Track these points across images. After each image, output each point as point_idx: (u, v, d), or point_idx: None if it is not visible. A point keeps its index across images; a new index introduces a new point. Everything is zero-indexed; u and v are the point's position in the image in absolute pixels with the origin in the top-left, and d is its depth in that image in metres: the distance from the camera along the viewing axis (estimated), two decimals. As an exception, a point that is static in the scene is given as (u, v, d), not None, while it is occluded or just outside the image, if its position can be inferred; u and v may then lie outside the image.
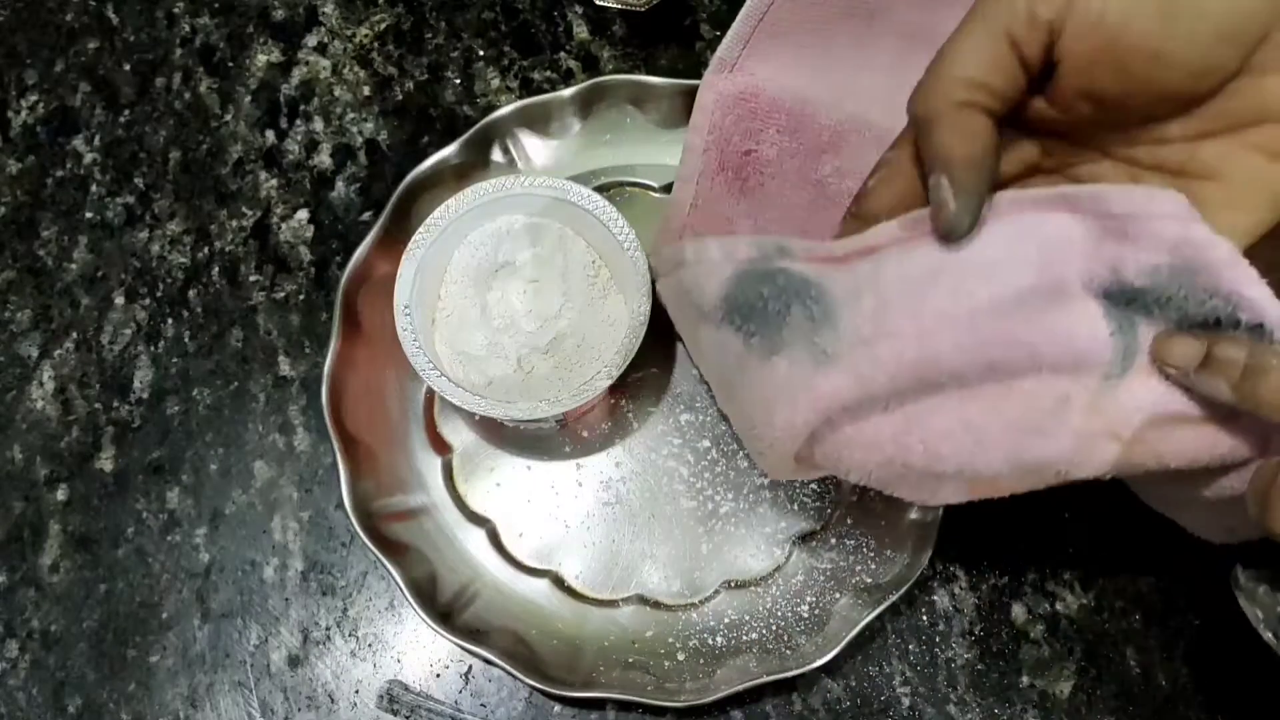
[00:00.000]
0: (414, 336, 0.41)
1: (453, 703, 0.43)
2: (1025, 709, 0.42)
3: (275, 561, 0.44)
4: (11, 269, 0.49)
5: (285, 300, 0.48)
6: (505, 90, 0.51)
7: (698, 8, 0.52)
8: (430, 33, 0.52)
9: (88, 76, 0.52)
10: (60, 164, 0.51)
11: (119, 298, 0.49)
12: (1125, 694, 0.42)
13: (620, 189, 0.49)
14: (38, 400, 0.47)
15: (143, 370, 0.47)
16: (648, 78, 0.47)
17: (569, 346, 0.44)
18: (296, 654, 0.43)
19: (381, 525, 0.43)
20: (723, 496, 0.44)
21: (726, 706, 0.42)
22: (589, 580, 0.44)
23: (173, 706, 0.43)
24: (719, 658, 0.42)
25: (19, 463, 0.46)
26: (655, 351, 0.46)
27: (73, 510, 0.46)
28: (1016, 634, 0.43)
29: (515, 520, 0.44)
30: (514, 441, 0.45)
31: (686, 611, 0.43)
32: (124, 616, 0.44)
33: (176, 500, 0.45)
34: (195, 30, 0.53)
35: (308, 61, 0.52)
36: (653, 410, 0.45)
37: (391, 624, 0.44)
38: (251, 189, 0.50)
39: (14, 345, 0.48)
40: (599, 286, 0.44)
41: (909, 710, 0.42)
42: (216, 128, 0.51)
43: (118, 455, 0.46)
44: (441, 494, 0.45)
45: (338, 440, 0.43)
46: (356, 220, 0.49)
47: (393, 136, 0.51)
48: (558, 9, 0.52)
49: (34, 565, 0.45)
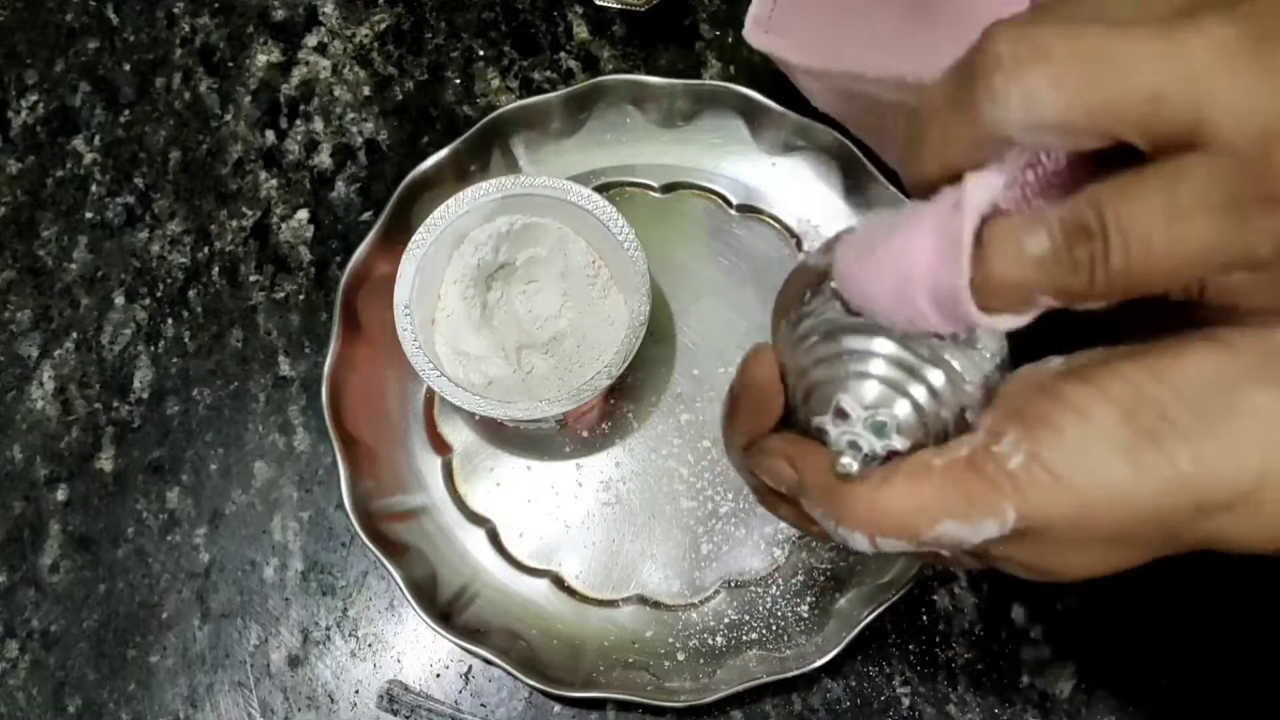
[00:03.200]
0: (414, 336, 0.41)
1: (453, 703, 0.43)
2: (1025, 709, 0.42)
3: (275, 561, 0.44)
4: (11, 269, 0.49)
5: (285, 300, 0.48)
6: (505, 90, 0.51)
7: (698, 8, 0.52)
8: (430, 33, 0.52)
9: (88, 76, 0.52)
10: (60, 164, 0.51)
11: (119, 298, 0.49)
12: (1125, 694, 0.42)
13: (620, 189, 0.49)
14: (38, 400, 0.47)
15: (143, 370, 0.47)
16: (648, 78, 0.47)
17: (569, 346, 0.44)
18: (296, 654, 0.43)
19: (381, 525, 0.43)
20: (723, 496, 0.44)
21: (726, 706, 0.42)
22: (589, 580, 0.44)
23: (173, 706, 0.43)
24: (719, 658, 0.42)
25: (19, 463, 0.46)
26: (655, 351, 0.46)
27: (73, 510, 0.46)
28: (1016, 634, 0.43)
29: (515, 520, 0.44)
30: (514, 441, 0.45)
31: (686, 611, 0.43)
32: (124, 616, 0.44)
33: (176, 500, 0.45)
34: (195, 30, 0.53)
35: (308, 61, 0.52)
36: (653, 410, 0.45)
37: (391, 624, 0.44)
38: (251, 189, 0.50)
39: (14, 345, 0.48)
40: (599, 286, 0.44)
41: (909, 710, 0.42)
42: (216, 128, 0.51)
43: (118, 455, 0.46)
44: (441, 494, 0.45)
45: (338, 440, 0.43)
46: (356, 220, 0.49)
47: (393, 136, 0.51)
48: (558, 9, 0.52)
49: (34, 565, 0.45)
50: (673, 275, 0.47)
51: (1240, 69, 0.19)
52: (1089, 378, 0.23)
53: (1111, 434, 0.22)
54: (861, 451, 0.24)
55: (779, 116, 0.46)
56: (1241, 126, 0.19)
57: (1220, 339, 0.22)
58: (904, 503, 0.23)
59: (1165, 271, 0.20)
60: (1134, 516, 0.22)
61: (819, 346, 0.24)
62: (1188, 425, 0.21)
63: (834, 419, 0.24)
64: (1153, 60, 0.19)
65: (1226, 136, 0.19)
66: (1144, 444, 0.22)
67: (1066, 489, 0.22)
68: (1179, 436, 0.21)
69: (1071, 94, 0.19)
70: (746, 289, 0.47)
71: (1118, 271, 0.20)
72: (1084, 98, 0.20)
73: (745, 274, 0.47)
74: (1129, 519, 0.22)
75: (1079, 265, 0.20)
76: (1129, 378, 0.22)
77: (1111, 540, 0.23)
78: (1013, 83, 0.20)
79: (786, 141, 0.47)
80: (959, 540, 0.23)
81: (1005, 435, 0.23)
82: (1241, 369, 0.22)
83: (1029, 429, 0.22)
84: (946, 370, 0.23)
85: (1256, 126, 0.19)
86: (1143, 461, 0.22)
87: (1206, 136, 0.19)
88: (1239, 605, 0.42)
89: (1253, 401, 0.21)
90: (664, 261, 0.46)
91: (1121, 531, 0.23)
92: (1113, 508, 0.22)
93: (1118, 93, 0.19)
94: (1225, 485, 0.22)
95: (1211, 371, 0.22)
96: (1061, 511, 0.22)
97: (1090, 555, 0.24)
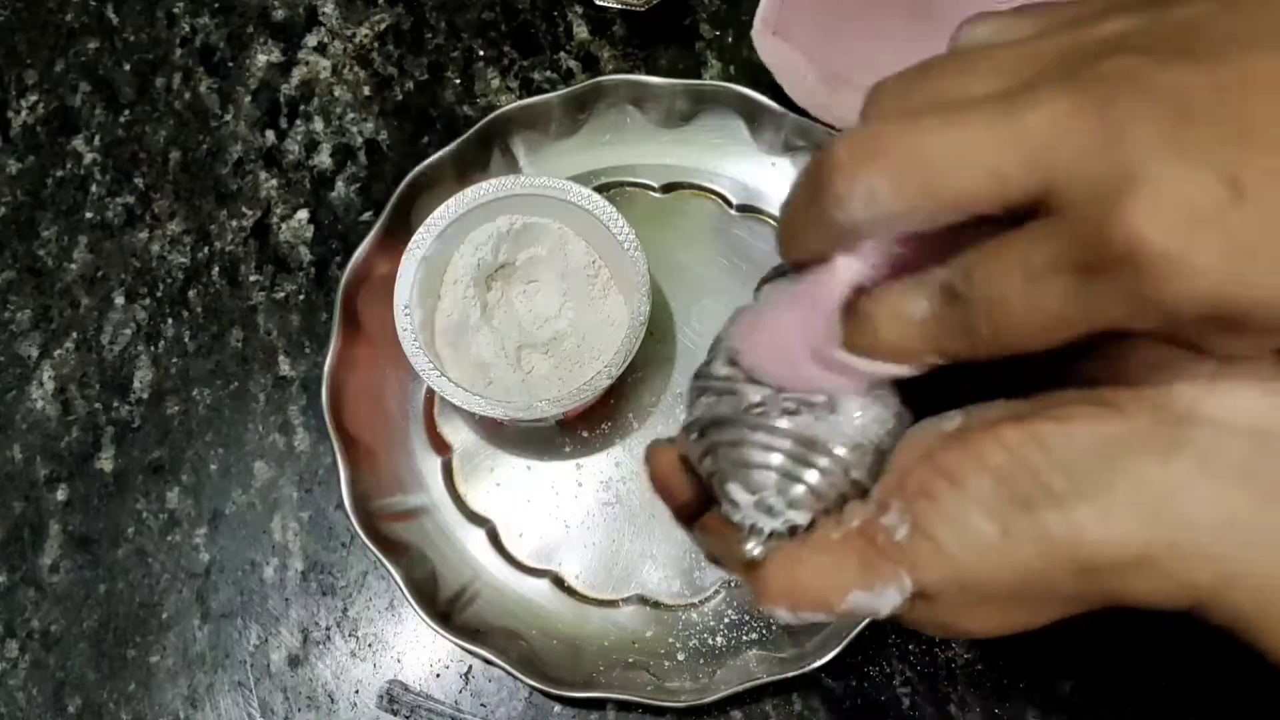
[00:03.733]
0: (414, 336, 0.41)
1: (453, 703, 0.43)
2: (1025, 709, 0.42)
3: (275, 561, 0.44)
4: (11, 269, 0.49)
5: (285, 300, 0.48)
6: (505, 90, 0.51)
7: (698, 8, 0.52)
8: (430, 33, 0.52)
9: (88, 76, 0.52)
10: (60, 164, 0.51)
11: (119, 298, 0.49)
12: (1125, 694, 0.42)
13: (620, 189, 0.49)
14: (38, 400, 0.47)
15: (143, 370, 0.47)
16: (648, 78, 0.47)
17: (569, 346, 0.44)
18: (296, 654, 0.43)
19: (381, 525, 0.43)
20: (723, 496, 0.44)
21: (726, 707, 0.42)
22: (589, 580, 0.44)
23: (173, 706, 0.43)
24: (719, 658, 0.42)
25: (19, 463, 0.46)
26: (655, 351, 0.46)
27: (73, 510, 0.46)
28: (1016, 634, 0.42)
29: (515, 520, 0.44)
30: (514, 441, 0.45)
31: (686, 611, 0.43)
32: (124, 616, 0.44)
33: (176, 500, 0.45)
34: (195, 30, 0.53)
35: (308, 61, 0.52)
36: (653, 410, 0.45)
37: (391, 624, 0.44)
38: (251, 189, 0.50)
39: (14, 345, 0.48)
40: (599, 286, 0.44)
41: (909, 710, 0.42)
42: (216, 128, 0.51)
43: (118, 455, 0.46)
44: (441, 494, 0.45)
45: (338, 440, 0.43)
46: (356, 220, 0.49)
47: (393, 136, 0.51)
48: (558, 9, 0.52)
49: (34, 565, 0.45)
50: (673, 275, 0.47)
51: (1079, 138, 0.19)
52: (969, 443, 0.23)
53: (984, 501, 0.22)
54: (765, 532, 0.25)
55: (779, 116, 0.46)
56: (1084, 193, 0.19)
57: (1110, 403, 0.22)
58: (811, 579, 0.24)
59: (1030, 333, 0.21)
60: (1010, 578, 0.23)
61: (701, 441, 0.26)
62: (1062, 490, 0.22)
63: (729, 507, 0.25)
64: (990, 143, 0.20)
65: (1070, 203, 0.19)
66: (1013, 510, 0.22)
67: (945, 555, 0.23)
68: (1051, 502, 0.22)
69: (912, 188, 0.20)
70: (746, 289, 0.46)
71: (986, 334, 0.21)
72: (925, 189, 0.20)
73: (745, 274, 0.47)
74: (1006, 580, 0.23)
75: (956, 329, 0.21)
76: (1008, 444, 0.22)
77: (1003, 600, 0.24)
78: (854, 185, 0.20)
79: (786, 141, 0.47)
80: (871, 609, 0.24)
81: (891, 506, 0.23)
82: (1128, 436, 0.22)
83: (910, 500, 0.23)
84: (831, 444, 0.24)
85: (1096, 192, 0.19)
86: (1012, 527, 0.22)
87: (1053, 204, 0.19)
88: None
89: (1137, 471, 0.21)
90: (664, 261, 0.46)
91: (1004, 592, 0.23)
92: (987, 570, 0.23)
93: (958, 180, 0.20)
94: (1107, 551, 0.22)
95: (1095, 438, 0.22)
96: (943, 575, 0.23)
97: (991, 613, 0.25)
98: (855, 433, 0.24)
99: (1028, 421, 0.23)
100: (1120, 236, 0.18)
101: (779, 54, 0.46)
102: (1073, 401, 0.23)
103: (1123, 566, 0.22)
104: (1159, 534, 0.22)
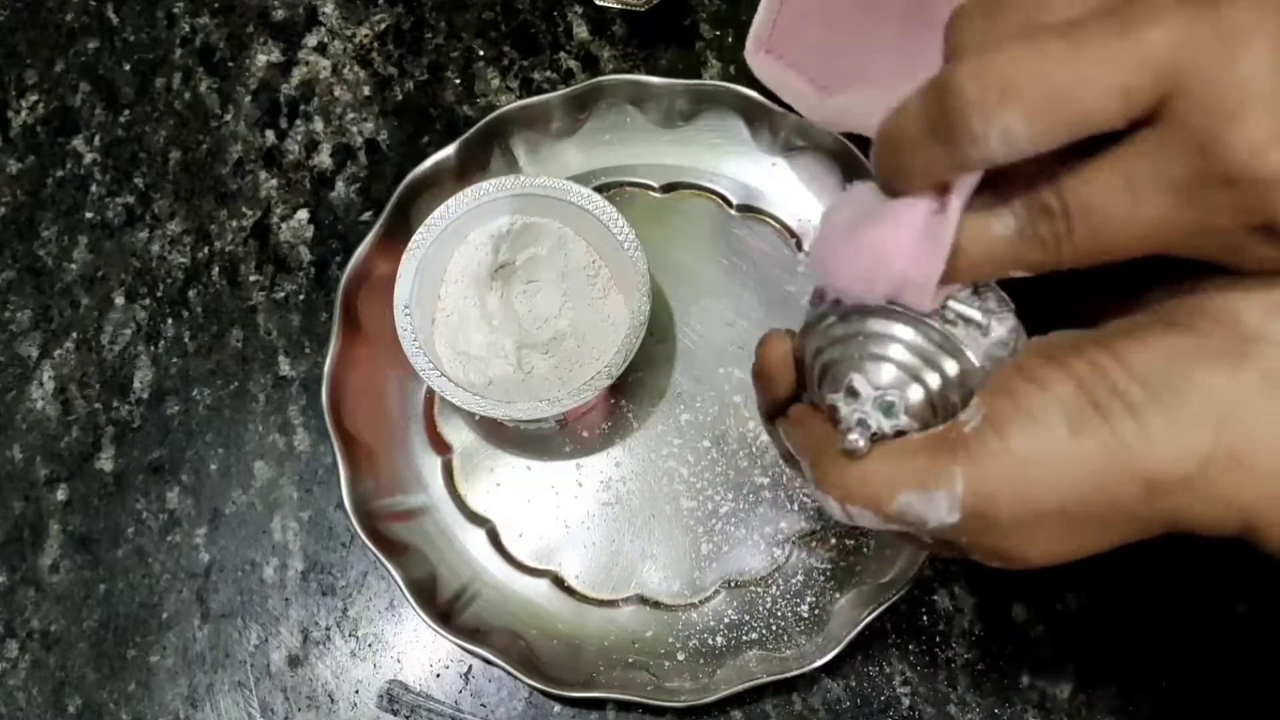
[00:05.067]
0: (414, 336, 0.41)
1: (453, 703, 0.43)
2: (1025, 709, 0.42)
3: (275, 561, 0.44)
4: (11, 269, 0.49)
5: (285, 300, 0.48)
6: (505, 90, 0.51)
7: (698, 8, 0.52)
8: (430, 33, 0.52)
9: (88, 76, 0.52)
10: (60, 164, 0.51)
11: (119, 298, 0.49)
12: (1125, 694, 0.42)
13: (620, 189, 0.49)
14: (38, 400, 0.47)
15: (143, 370, 0.47)
16: (648, 78, 0.47)
17: (569, 346, 0.44)
18: (296, 654, 0.43)
19: (381, 525, 0.43)
20: (723, 496, 0.44)
21: (726, 706, 0.42)
22: (589, 580, 0.44)
23: (173, 706, 0.43)
24: (719, 658, 0.42)
25: (19, 463, 0.46)
26: (655, 351, 0.46)
27: (73, 510, 0.46)
28: (1016, 634, 0.43)
29: (515, 520, 0.44)
30: (514, 441, 0.45)
31: (686, 611, 0.43)
32: (124, 616, 0.44)
33: (176, 500, 0.45)
34: (195, 30, 0.53)
35: (308, 61, 0.52)
36: (653, 410, 0.45)
37: (391, 624, 0.44)
38: (251, 189, 0.50)
39: (14, 345, 0.48)
40: (599, 286, 0.44)
41: (909, 710, 0.42)
42: (216, 128, 0.51)
43: (118, 455, 0.46)
44: (441, 494, 0.45)
45: (338, 440, 0.43)
46: (356, 220, 0.49)
47: (393, 136, 0.51)
48: (558, 9, 0.52)
49: (34, 565, 0.45)
50: (673, 275, 0.47)
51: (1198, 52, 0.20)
52: (1054, 355, 0.24)
53: (1062, 403, 0.23)
54: (870, 429, 0.25)
55: (779, 116, 0.46)
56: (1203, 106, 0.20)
57: (1184, 324, 0.23)
58: (875, 473, 0.24)
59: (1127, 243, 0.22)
60: (1074, 488, 0.23)
61: (836, 327, 0.26)
62: (1138, 400, 0.22)
63: (846, 397, 0.25)
64: (1119, 62, 0.20)
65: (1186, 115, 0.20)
66: (1090, 413, 0.22)
67: (1009, 454, 0.23)
68: (1126, 409, 0.22)
69: (1047, 118, 0.21)
70: (746, 289, 0.47)
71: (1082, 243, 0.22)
72: (1059, 116, 0.21)
73: (745, 274, 0.47)
74: (1069, 490, 0.23)
75: (1043, 241, 0.22)
76: (1090, 356, 0.23)
77: (1058, 516, 0.24)
78: (990, 125, 0.21)
79: (786, 141, 0.47)
80: (919, 516, 0.24)
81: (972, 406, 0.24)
82: (1201, 349, 0.22)
83: (992, 398, 0.24)
84: (960, 359, 0.25)
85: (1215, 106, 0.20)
86: (1085, 429, 0.22)
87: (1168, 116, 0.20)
88: (1238, 606, 0.42)
89: (1206, 381, 0.22)
90: (664, 261, 0.46)
91: (1064, 505, 0.23)
92: (1050, 475, 0.23)
93: (1087, 104, 0.20)
94: (1173, 462, 0.22)
95: (1170, 353, 0.22)
96: (1001, 473, 0.23)
97: (1044, 536, 0.24)
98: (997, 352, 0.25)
99: (1110, 339, 0.23)
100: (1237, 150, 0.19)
101: (774, 72, 0.46)
102: (1148, 323, 0.23)
103: (1184, 482, 0.22)
104: (1221, 443, 0.22)
